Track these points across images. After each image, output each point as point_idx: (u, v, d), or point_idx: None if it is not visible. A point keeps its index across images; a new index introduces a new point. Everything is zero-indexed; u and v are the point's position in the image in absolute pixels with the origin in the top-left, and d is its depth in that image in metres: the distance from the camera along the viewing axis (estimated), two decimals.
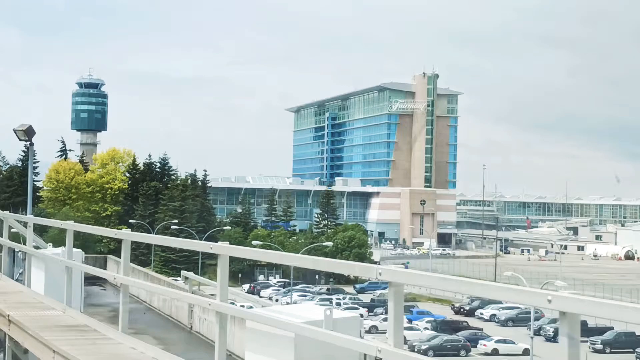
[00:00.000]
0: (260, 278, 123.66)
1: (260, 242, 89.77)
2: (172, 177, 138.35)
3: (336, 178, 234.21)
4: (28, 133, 20.73)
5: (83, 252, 13.58)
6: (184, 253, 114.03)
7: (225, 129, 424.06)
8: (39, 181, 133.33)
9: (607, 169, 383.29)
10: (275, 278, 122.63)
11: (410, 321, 78.87)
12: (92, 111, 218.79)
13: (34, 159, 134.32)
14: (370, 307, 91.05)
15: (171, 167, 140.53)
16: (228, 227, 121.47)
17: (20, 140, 20.36)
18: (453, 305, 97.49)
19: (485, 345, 68.50)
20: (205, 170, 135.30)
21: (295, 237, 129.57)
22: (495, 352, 66.08)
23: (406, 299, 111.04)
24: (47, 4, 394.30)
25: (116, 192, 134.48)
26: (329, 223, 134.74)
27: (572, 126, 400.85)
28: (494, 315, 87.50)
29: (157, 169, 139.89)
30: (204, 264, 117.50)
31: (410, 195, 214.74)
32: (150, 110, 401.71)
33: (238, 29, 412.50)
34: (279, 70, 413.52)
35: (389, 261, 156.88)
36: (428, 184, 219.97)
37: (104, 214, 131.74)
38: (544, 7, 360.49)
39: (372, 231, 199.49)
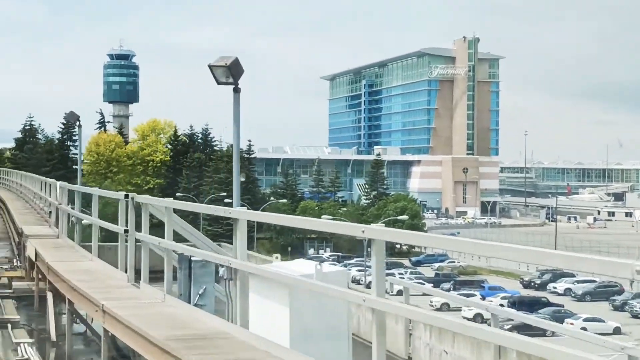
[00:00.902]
0: (311, 252, 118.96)
1: (330, 217, 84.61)
2: (215, 148, 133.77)
3: (375, 147, 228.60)
4: (233, 70, 12.81)
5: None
6: (232, 227, 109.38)
7: (255, 100, 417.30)
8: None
9: None
10: (326, 251, 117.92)
11: (483, 297, 73.66)
12: (123, 83, 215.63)
13: (74, 132, 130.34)
14: (436, 282, 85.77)
15: (213, 138, 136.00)
16: (283, 200, 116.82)
17: (220, 83, 12.67)
18: (522, 279, 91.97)
19: (572, 324, 63.10)
20: (249, 141, 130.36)
21: (345, 209, 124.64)
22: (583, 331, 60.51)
23: (467, 272, 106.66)
24: None
25: (158, 165, 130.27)
26: (379, 193, 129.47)
27: (608, 92, 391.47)
28: (569, 289, 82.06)
29: (199, 140, 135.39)
30: (252, 238, 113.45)
31: (452, 163, 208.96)
32: (178, 82, 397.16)
33: (256, 2, 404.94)
34: (305, 41, 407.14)
35: (435, 231, 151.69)
36: (470, 151, 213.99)
37: (146, 187, 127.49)
38: None
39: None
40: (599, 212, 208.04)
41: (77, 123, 19.56)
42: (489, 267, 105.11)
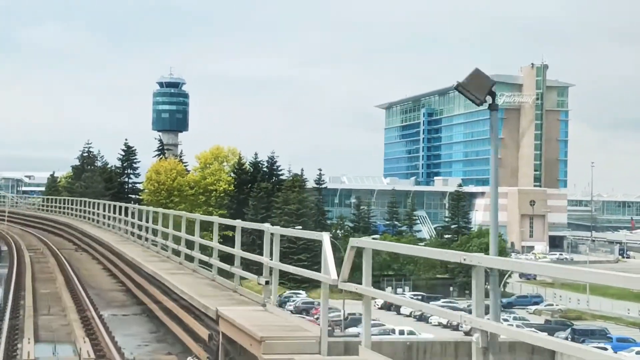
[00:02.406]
0: (388, 290, 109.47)
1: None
2: (281, 178, 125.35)
3: (435, 178, 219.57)
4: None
5: None
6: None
7: (303, 130, 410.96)
8: (139, 182, 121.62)
9: None
10: (405, 291, 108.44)
11: (615, 352, 63.54)
12: (173, 111, 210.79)
13: (134, 159, 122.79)
14: (549, 331, 75.77)
15: (280, 166, 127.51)
16: (375, 236, 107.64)
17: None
18: None
19: None
20: (320, 170, 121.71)
21: (422, 244, 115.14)
22: None
23: (569, 316, 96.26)
24: (120, 7, 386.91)
25: (221, 195, 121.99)
26: (461, 228, 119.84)
27: None
28: None
29: (264, 169, 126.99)
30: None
31: (519, 195, 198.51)
32: (225, 112, 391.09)
33: (306, 31, 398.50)
34: (352, 72, 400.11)
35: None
36: (537, 183, 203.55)
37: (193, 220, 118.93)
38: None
39: None
40: None
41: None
42: (591, 311, 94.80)
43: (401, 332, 72.83)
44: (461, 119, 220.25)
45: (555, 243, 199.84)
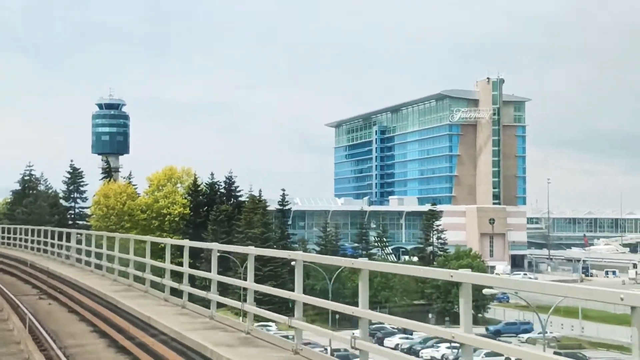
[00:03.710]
0: None
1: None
2: (240, 199, 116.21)
3: (390, 197, 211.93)
4: None
5: None
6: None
7: (250, 153, 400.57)
8: (86, 208, 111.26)
9: None
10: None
11: None
12: (113, 133, 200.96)
13: (81, 181, 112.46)
14: None
15: (237, 187, 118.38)
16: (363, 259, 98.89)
17: None
18: None
19: None
20: (283, 190, 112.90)
21: None
22: None
23: (568, 345, 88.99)
24: (55, 31, 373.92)
25: (176, 219, 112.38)
26: (437, 249, 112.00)
27: (599, 141, 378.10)
28: None
29: (222, 190, 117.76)
30: (287, 303, 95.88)
31: (478, 213, 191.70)
32: (166, 136, 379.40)
33: (246, 54, 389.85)
34: (291, 93, 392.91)
35: None
36: (497, 201, 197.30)
37: (162, 245, 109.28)
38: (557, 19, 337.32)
39: None
40: (635, 266, 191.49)
41: None
42: (588, 338, 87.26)
43: None
44: (416, 136, 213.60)
45: (515, 262, 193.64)
